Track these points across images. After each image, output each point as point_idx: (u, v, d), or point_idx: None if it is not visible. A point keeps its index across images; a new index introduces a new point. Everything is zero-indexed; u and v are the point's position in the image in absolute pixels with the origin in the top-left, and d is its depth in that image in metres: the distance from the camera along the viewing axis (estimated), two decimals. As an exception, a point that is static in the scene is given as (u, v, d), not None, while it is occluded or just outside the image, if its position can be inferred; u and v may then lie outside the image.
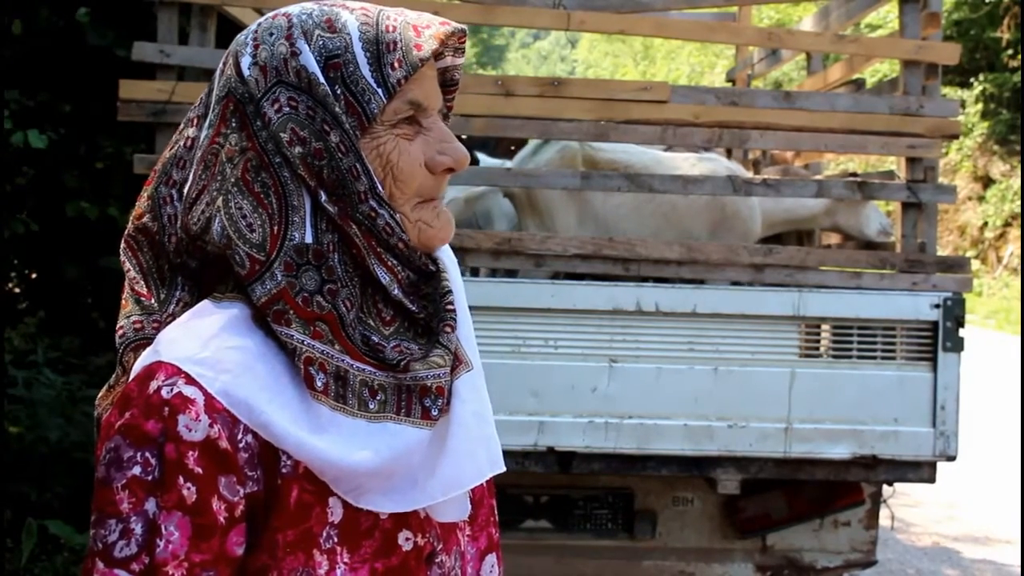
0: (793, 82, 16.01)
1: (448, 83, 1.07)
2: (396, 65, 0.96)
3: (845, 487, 3.37)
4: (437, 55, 1.04)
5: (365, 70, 0.96)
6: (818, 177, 4.21)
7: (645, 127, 3.37)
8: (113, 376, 1.04)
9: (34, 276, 6.25)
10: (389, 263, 0.99)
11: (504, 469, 1.05)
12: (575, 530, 3.45)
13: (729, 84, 5.99)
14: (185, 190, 1.00)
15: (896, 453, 3.15)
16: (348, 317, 0.97)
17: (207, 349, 0.94)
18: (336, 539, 0.95)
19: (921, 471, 3.22)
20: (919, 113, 3.39)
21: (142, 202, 1.04)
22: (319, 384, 0.94)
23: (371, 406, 0.95)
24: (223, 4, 3.36)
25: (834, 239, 4.52)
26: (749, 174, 4.24)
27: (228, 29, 3.66)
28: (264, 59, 0.97)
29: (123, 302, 1.04)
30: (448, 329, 1.00)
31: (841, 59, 4.70)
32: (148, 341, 1.00)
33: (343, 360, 0.96)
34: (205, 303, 0.99)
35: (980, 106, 19.15)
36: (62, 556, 4.23)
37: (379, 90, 0.96)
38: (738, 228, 3.89)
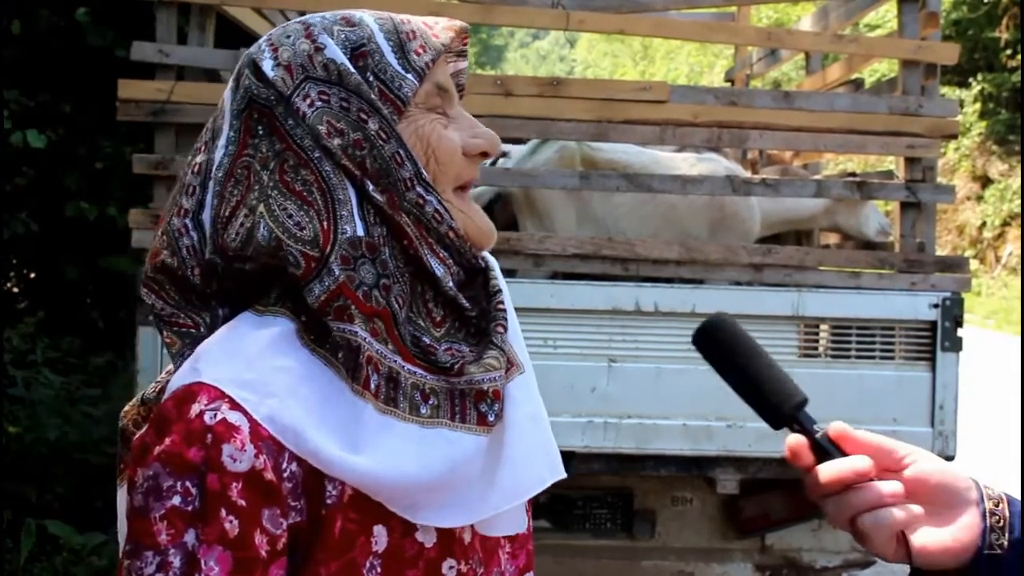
0: (792, 82, 16.01)
1: (456, 88, 1.06)
2: (420, 50, 0.96)
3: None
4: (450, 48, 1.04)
5: (391, 58, 0.95)
6: (817, 177, 4.21)
7: (644, 127, 3.37)
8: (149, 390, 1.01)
9: (33, 276, 6.25)
10: (441, 255, 0.96)
11: (565, 475, 1.02)
12: (574, 530, 3.45)
13: (728, 84, 5.99)
14: (205, 215, 0.96)
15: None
16: (400, 315, 0.94)
17: (252, 370, 0.89)
18: (380, 569, 0.91)
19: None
20: (918, 113, 3.39)
21: (157, 241, 0.99)
22: (373, 385, 0.90)
23: (423, 411, 0.92)
24: (222, 4, 3.36)
25: (833, 239, 4.53)
26: (749, 174, 4.24)
27: (227, 29, 3.66)
28: (287, 58, 0.95)
29: (167, 342, 0.99)
30: (500, 329, 0.97)
31: (840, 59, 4.70)
32: None
33: (395, 361, 0.92)
34: (246, 317, 0.96)
35: (979, 106, 19.16)
36: (61, 556, 4.23)
37: (408, 75, 0.95)
38: (737, 228, 3.90)
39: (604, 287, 3.19)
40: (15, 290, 6.23)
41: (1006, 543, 0.90)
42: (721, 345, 0.97)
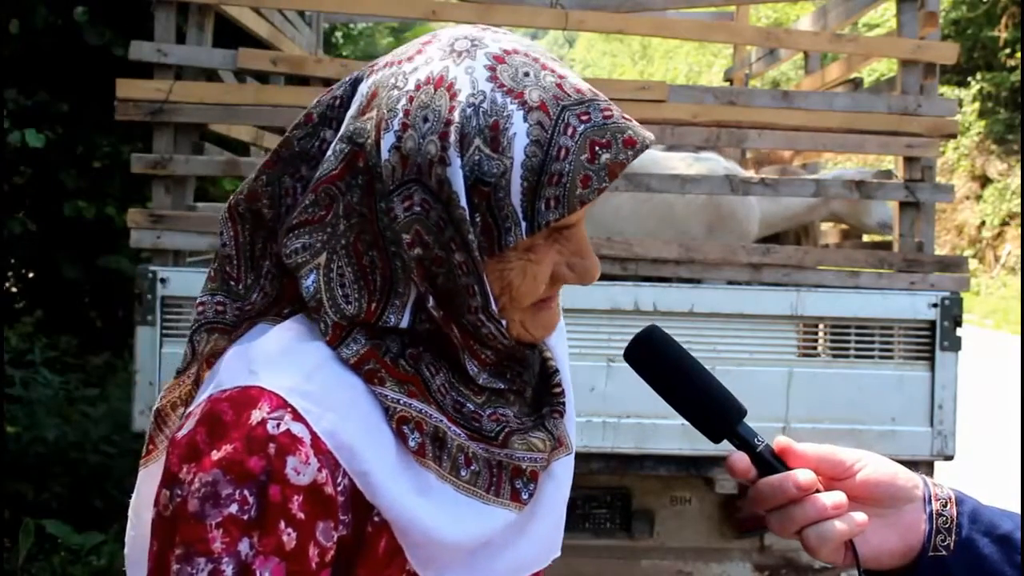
0: (791, 81, 16.02)
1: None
2: (552, 203, 0.85)
3: (843, 486, 3.37)
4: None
5: (516, 199, 0.85)
6: (816, 176, 4.21)
7: (643, 126, 3.36)
8: (183, 359, 0.98)
9: (31, 275, 6.25)
10: (482, 356, 0.93)
11: (559, 554, 1.03)
12: (573, 529, 3.44)
13: (727, 83, 5.99)
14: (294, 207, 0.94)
15: (894, 453, 3.14)
16: (434, 383, 0.92)
17: (312, 382, 0.87)
18: None
19: (918, 471, 3.21)
20: (917, 112, 3.39)
21: (260, 184, 0.95)
22: (413, 444, 0.89)
23: (463, 473, 0.91)
24: (220, 3, 3.35)
25: (832, 239, 4.53)
26: (748, 173, 4.24)
27: (225, 28, 3.66)
28: (409, 150, 0.86)
29: (211, 273, 0.97)
30: (557, 416, 0.97)
31: (839, 58, 4.70)
32: (223, 327, 0.95)
33: (441, 421, 0.91)
34: (301, 321, 0.93)
35: (978, 105, 19.18)
36: (59, 556, 4.23)
37: (523, 224, 0.85)
38: (734, 228, 3.90)
39: (603, 287, 3.19)
40: (13, 290, 6.23)
41: (952, 544, 0.90)
42: (656, 359, 0.95)
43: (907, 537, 0.91)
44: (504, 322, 0.92)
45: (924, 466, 3.21)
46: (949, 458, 3.18)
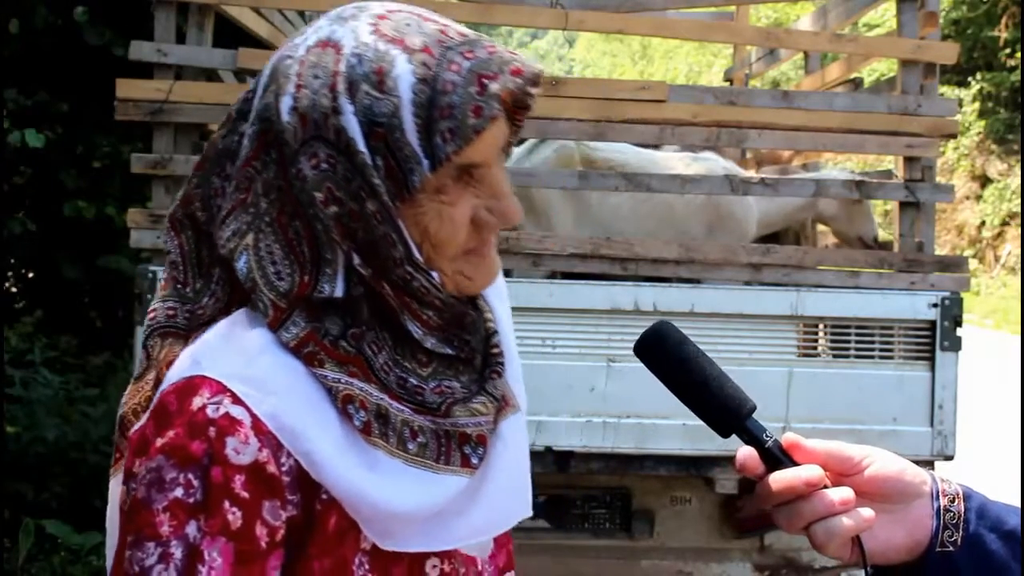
0: (791, 81, 16.01)
1: (520, 106, 0.95)
2: (448, 135, 0.88)
3: (843, 486, 3.37)
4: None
5: (412, 137, 0.88)
6: (815, 176, 4.21)
7: (643, 126, 3.36)
8: (137, 365, 1.00)
9: (31, 275, 6.25)
10: (424, 316, 0.94)
11: (532, 514, 1.03)
12: (573, 530, 3.44)
13: (727, 83, 5.99)
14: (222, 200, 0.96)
15: (895, 452, 3.14)
16: (377, 360, 0.93)
17: (254, 367, 0.90)
18: (368, 566, 0.93)
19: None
20: (917, 112, 3.39)
21: (191, 187, 0.99)
22: (358, 422, 0.90)
23: (410, 447, 0.92)
24: (220, 3, 3.35)
25: (832, 239, 4.52)
26: (747, 173, 4.24)
27: (225, 28, 3.66)
28: (305, 108, 0.89)
29: (162, 283, 1.00)
30: (495, 376, 0.98)
31: (839, 58, 4.70)
32: (176, 330, 0.97)
33: (382, 399, 0.92)
34: (245, 312, 0.95)
35: (978, 105, 19.18)
36: (59, 556, 4.23)
37: (424, 161, 0.88)
38: (733, 228, 3.90)
39: (603, 287, 3.19)
40: (13, 290, 6.23)
41: (959, 540, 0.90)
42: (666, 354, 0.95)
43: (914, 533, 0.91)
44: (435, 274, 0.93)
45: (924, 466, 3.20)
46: (949, 458, 3.18)
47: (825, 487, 0.89)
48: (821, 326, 3.33)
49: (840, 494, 0.89)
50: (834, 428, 3.14)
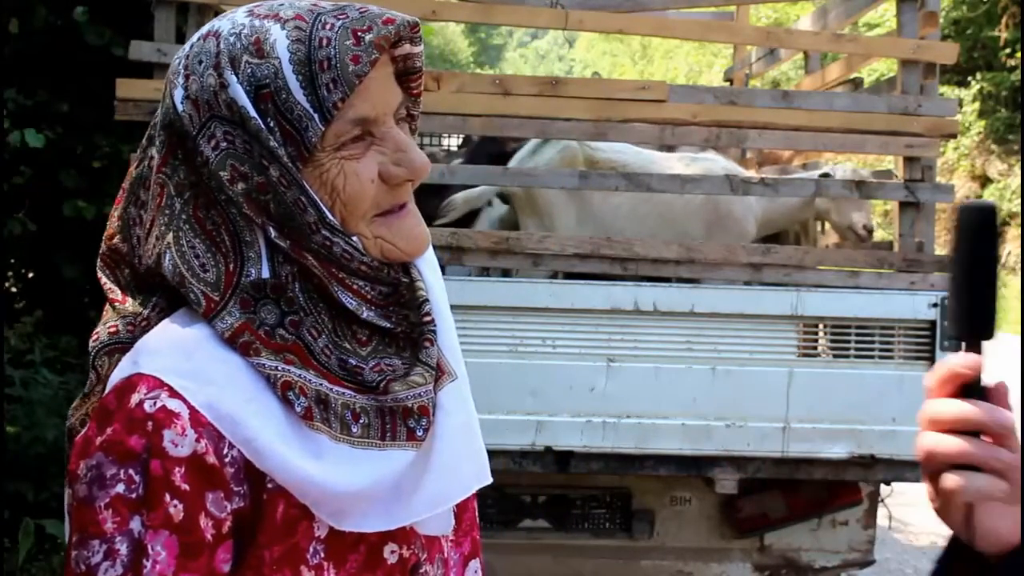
0: (791, 81, 16.01)
1: (409, 71, 0.99)
2: (331, 86, 0.90)
3: (843, 487, 3.37)
4: (389, 52, 0.96)
5: (299, 95, 0.90)
6: (815, 175, 4.21)
7: (643, 126, 3.37)
8: (87, 383, 1.00)
9: (31, 275, 6.24)
10: (355, 286, 0.95)
11: (491, 481, 1.02)
12: (573, 529, 3.45)
13: (727, 83, 5.99)
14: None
15: (894, 453, 3.15)
16: (317, 345, 0.94)
17: (190, 361, 0.90)
18: (323, 554, 0.93)
19: (919, 471, 3.21)
20: (917, 112, 3.39)
21: (113, 222, 1.00)
22: (299, 408, 0.90)
23: (354, 430, 0.92)
24: (220, 3, 3.35)
25: (832, 239, 4.53)
26: (747, 173, 4.24)
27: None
28: (195, 92, 0.92)
29: (104, 314, 1.01)
30: (427, 344, 0.97)
31: (839, 58, 4.70)
32: (121, 346, 0.96)
33: (321, 384, 0.92)
34: (185, 311, 0.95)
35: (978, 105, 19.16)
36: (59, 556, 4.23)
37: (315, 115, 0.90)
38: (733, 228, 3.90)
39: (603, 286, 3.19)
40: (13, 290, 6.23)
41: None
42: (985, 239, 0.90)
43: (1015, 532, 0.83)
44: (355, 238, 0.94)
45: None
46: (949, 458, 3.17)
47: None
48: (821, 326, 3.34)
49: (1007, 456, 0.81)
50: (834, 428, 3.14)
